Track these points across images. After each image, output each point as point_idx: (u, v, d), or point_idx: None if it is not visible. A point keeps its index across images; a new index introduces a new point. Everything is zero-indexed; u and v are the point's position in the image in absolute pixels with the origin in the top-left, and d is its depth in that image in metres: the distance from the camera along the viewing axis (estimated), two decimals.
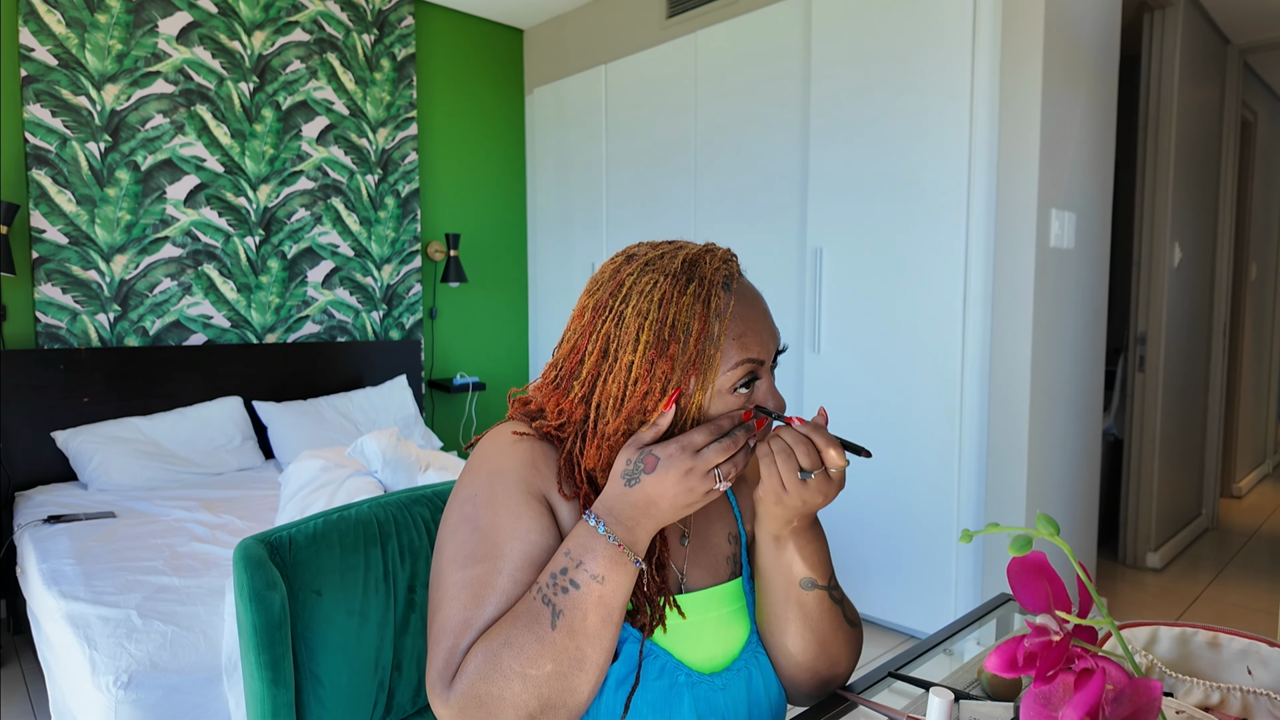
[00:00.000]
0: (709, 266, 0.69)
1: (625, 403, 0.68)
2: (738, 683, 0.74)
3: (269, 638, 0.69)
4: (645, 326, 0.67)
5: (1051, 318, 2.31)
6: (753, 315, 0.69)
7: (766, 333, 0.70)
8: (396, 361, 3.58)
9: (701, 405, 0.68)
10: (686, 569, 0.77)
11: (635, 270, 0.70)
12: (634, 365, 0.67)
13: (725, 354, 0.67)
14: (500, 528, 0.67)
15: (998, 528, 0.51)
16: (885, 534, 2.47)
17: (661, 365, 0.66)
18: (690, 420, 0.68)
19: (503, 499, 0.69)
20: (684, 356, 0.66)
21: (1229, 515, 4.03)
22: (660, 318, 0.66)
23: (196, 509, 2.34)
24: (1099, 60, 2.47)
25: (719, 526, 0.81)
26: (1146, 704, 0.47)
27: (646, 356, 0.66)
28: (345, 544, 0.79)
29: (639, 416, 0.68)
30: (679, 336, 0.66)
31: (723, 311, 0.67)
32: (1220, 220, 3.71)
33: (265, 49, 3.19)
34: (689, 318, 0.66)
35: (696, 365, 0.66)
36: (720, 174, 2.96)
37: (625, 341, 0.67)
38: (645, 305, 0.67)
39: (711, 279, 0.68)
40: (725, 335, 0.67)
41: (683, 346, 0.66)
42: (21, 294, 2.70)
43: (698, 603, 0.75)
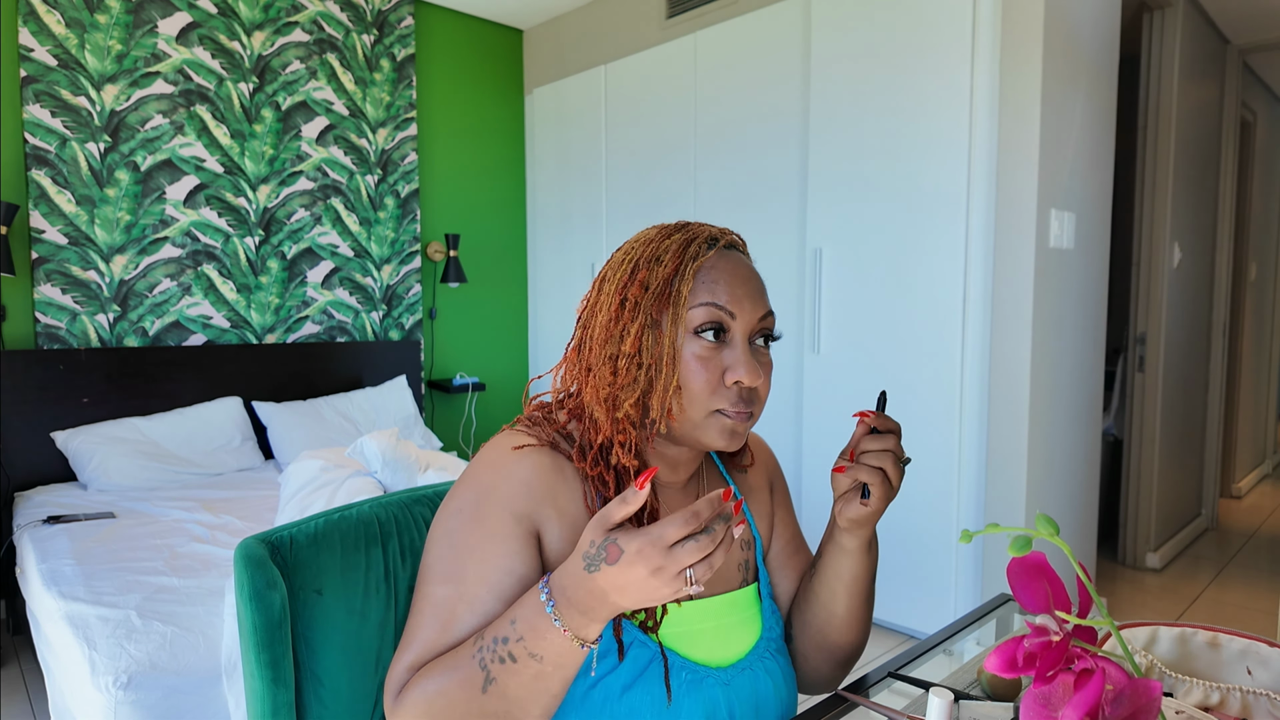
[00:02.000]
0: (700, 227, 0.73)
1: (608, 328, 0.70)
2: (743, 680, 0.74)
3: (269, 637, 0.69)
4: (626, 259, 0.71)
5: (1051, 318, 2.31)
6: (731, 271, 0.70)
7: (742, 291, 0.70)
8: (396, 362, 3.57)
9: (674, 342, 0.68)
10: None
11: (634, 240, 0.75)
12: (612, 292, 0.70)
13: (694, 293, 0.69)
14: (475, 551, 0.67)
15: (997, 528, 0.51)
16: (885, 534, 2.47)
17: (632, 288, 0.69)
18: (664, 358, 0.68)
19: (487, 520, 0.68)
20: (654, 287, 0.69)
21: (1229, 515, 4.03)
22: (641, 253, 0.71)
23: (196, 509, 2.34)
24: (1099, 60, 2.47)
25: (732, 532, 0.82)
26: (1146, 704, 0.47)
27: (621, 281, 0.70)
28: (346, 544, 0.80)
29: (613, 343, 0.70)
30: (651, 266, 0.69)
31: (698, 256, 0.70)
32: (1220, 220, 3.72)
33: (265, 49, 3.18)
34: (664, 254, 0.70)
35: (663, 295, 0.68)
36: (720, 174, 2.96)
37: (611, 275, 0.72)
38: (633, 245, 0.73)
39: (696, 232, 0.72)
40: (696, 276, 0.69)
41: (652, 275, 0.69)
42: (21, 294, 2.70)
43: (706, 610, 0.75)
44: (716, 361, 0.69)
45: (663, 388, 0.68)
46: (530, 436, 0.73)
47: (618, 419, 0.70)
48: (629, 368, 0.69)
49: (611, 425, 0.70)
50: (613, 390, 0.70)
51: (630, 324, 0.69)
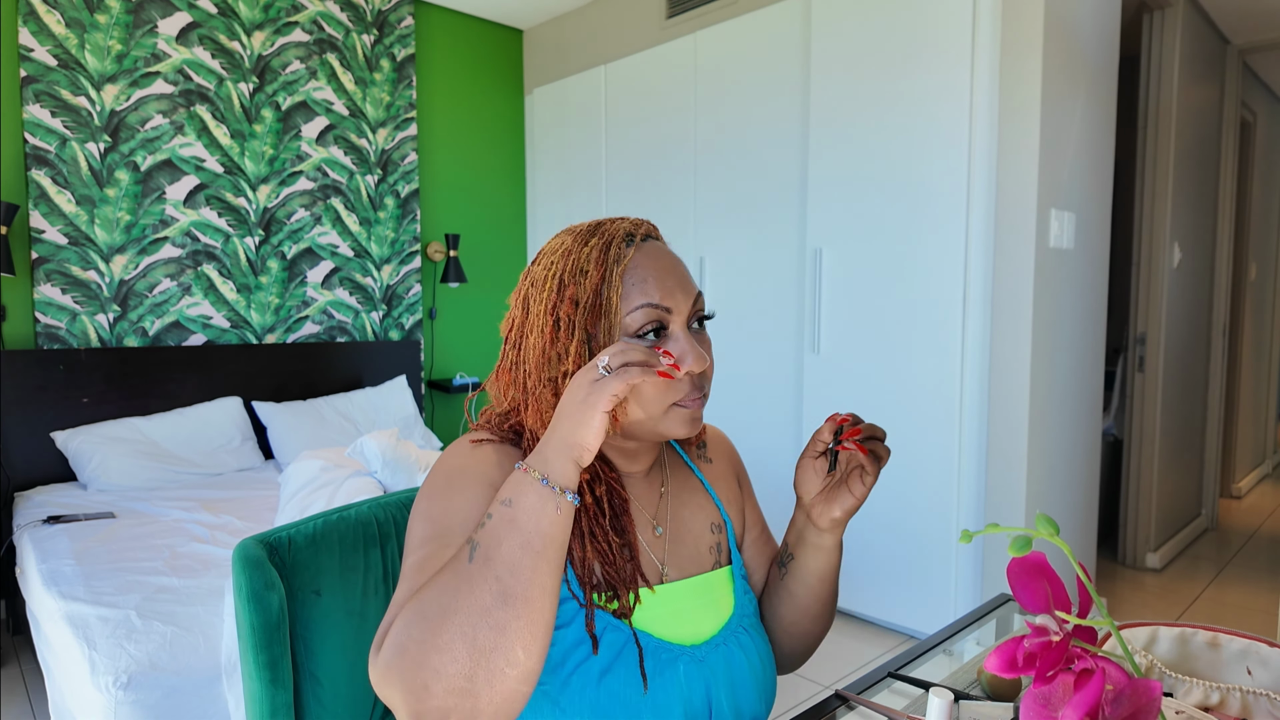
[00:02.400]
0: (614, 224, 0.72)
1: (537, 349, 0.70)
2: (717, 656, 0.74)
3: (267, 638, 0.69)
4: (549, 275, 0.70)
5: (1051, 318, 2.31)
6: (656, 265, 0.70)
7: (672, 281, 0.70)
8: (396, 362, 3.57)
9: None
10: (666, 559, 0.78)
11: (555, 238, 0.74)
12: (541, 313, 0.70)
13: (626, 298, 0.68)
14: (451, 512, 0.66)
15: (997, 528, 0.51)
16: (885, 534, 2.47)
17: (564, 307, 0.69)
18: None
19: (458, 489, 0.68)
20: (584, 301, 0.68)
21: (1229, 515, 4.03)
22: (562, 266, 0.70)
23: (196, 509, 2.34)
24: (1099, 60, 2.47)
25: (700, 517, 0.83)
26: (1146, 704, 0.47)
27: (549, 301, 0.69)
28: (345, 544, 0.79)
29: (552, 365, 0.69)
30: (578, 280, 0.69)
31: (621, 258, 0.69)
32: (1220, 220, 3.72)
33: (265, 49, 3.18)
34: (587, 264, 0.69)
35: (597, 309, 0.68)
36: (720, 174, 2.96)
37: (536, 295, 0.71)
38: (551, 259, 0.72)
39: (612, 232, 0.71)
40: (624, 280, 0.69)
41: (580, 289, 0.68)
42: (21, 294, 2.70)
43: (678, 592, 0.76)
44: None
45: None
46: (487, 434, 0.74)
47: None
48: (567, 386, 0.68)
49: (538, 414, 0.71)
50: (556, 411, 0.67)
51: (568, 343, 0.68)
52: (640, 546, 0.76)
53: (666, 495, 0.81)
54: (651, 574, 0.76)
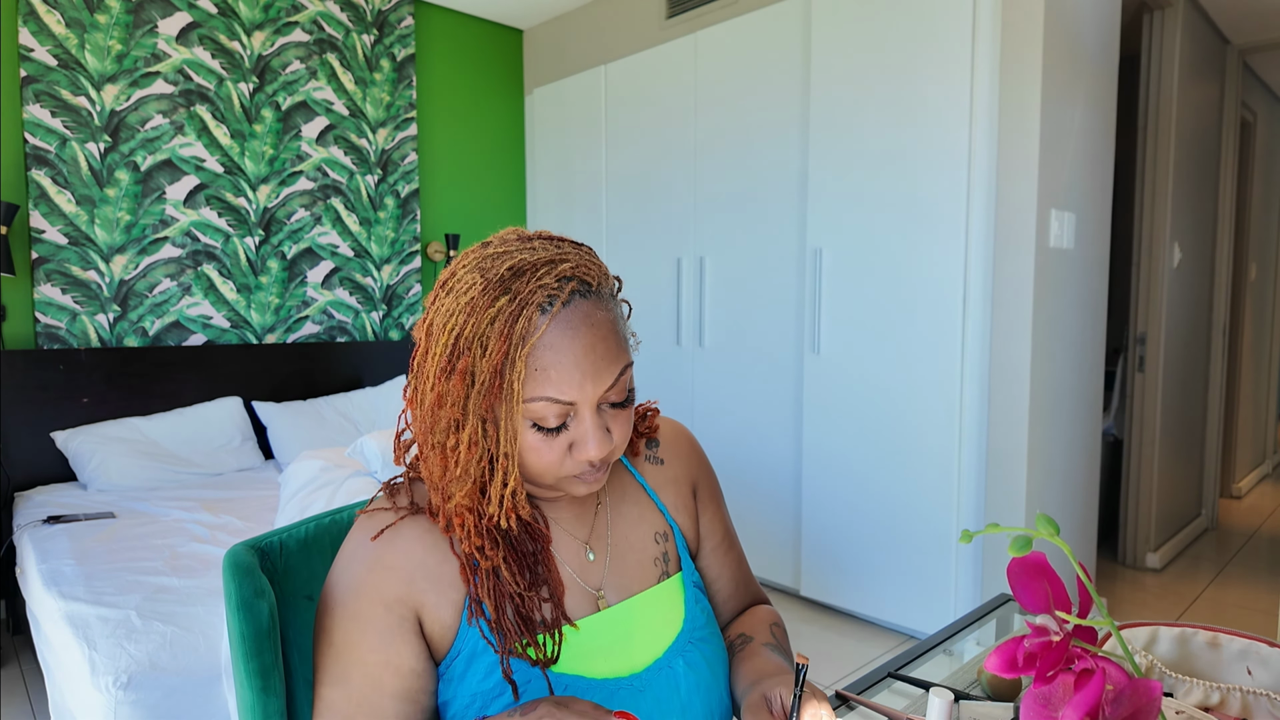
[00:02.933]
0: (532, 281, 0.60)
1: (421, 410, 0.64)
2: (659, 681, 0.71)
3: (258, 646, 0.68)
4: (448, 328, 0.61)
5: (1051, 318, 2.31)
6: (568, 348, 0.60)
7: (581, 371, 0.61)
8: (396, 361, 3.57)
9: (510, 438, 0.62)
10: (605, 581, 0.74)
11: (470, 264, 0.63)
12: (433, 373, 0.62)
13: (527, 385, 0.60)
14: (355, 649, 0.65)
15: (998, 528, 0.51)
16: (885, 534, 2.47)
17: (454, 380, 0.60)
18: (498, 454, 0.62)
19: (360, 616, 0.66)
20: (480, 379, 0.60)
21: (1229, 515, 4.03)
22: (460, 325, 0.60)
23: (196, 509, 2.34)
24: (1099, 60, 2.47)
25: (641, 529, 0.78)
26: (1146, 704, 0.47)
27: (439, 364, 0.61)
28: (337, 548, 0.79)
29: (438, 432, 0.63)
30: (476, 351, 0.60)
31: (528, 336, 0.59)
32: (1220, 220, 3.71)
33: (265, 49, 3.19)
34: (489, 333, 0.59)
35: (496, 390, 0.60)
36: (720, 174, 2.96)
37: (434, 340, 0.62)
38: (454, 304, 0.61)
39: (526, 298, 0.60)
40: (527, 363, 0.60)
41: (478, 364, 0.59)
42: (21, 294, 2.70)
43: (620, 616, 0.72)
44: (561, 441, 0.63)
45: (499, 485, 0.63)
46: (389, 512, 0.69)
47: (450, 508, 0.65)
48: (459, 463, 0.63)
49: (445, 511, 0.66)
50: (444, 481, 0.65)
51: (458, 418, 0.62)
52: (570, 578, 0.72)
53: (604, 511, 0.77)
54: (586, 602, 0.72)
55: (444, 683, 0.69)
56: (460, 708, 0.68)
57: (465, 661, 0.68)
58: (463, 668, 0.68)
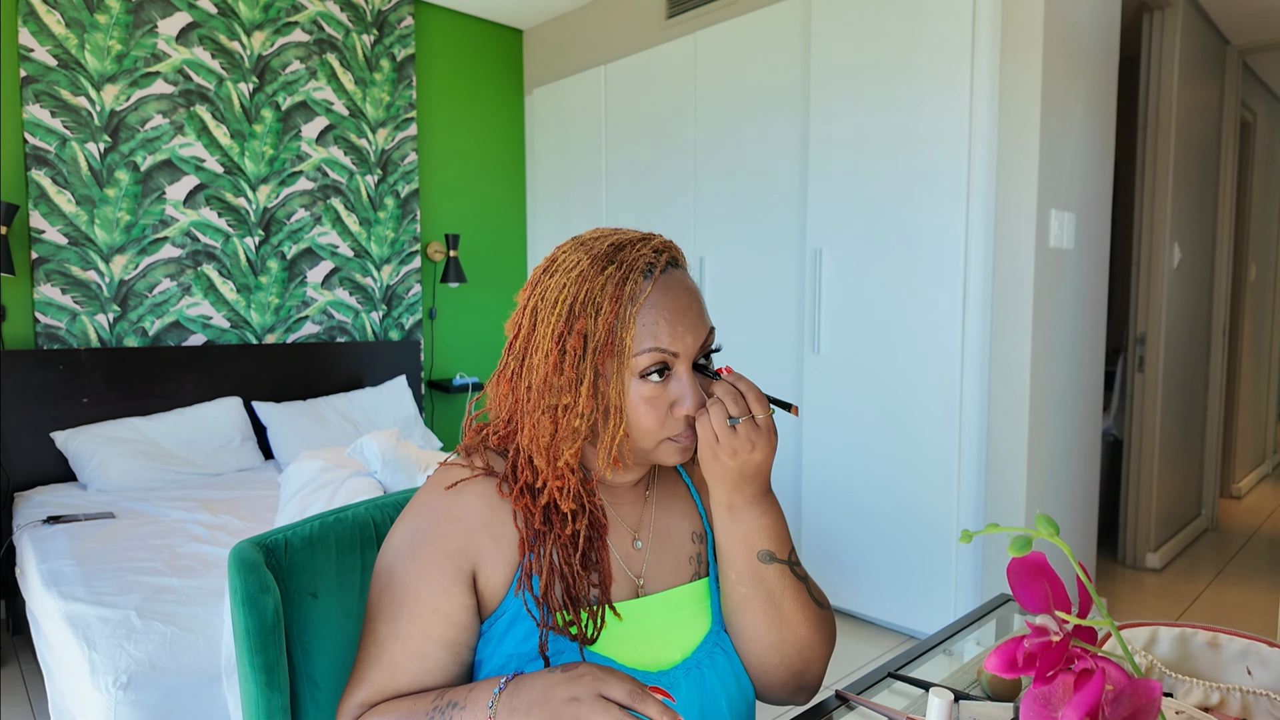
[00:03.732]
0: (633, 253, 0.68)
1: (540, 374, 0.68)
2: (688, 680, 0.72)
3: (262, 642, 0.69)
4: (560, 300, 0.67)
5: (1051, 318, 2.31)
6: (671, 305, 0.67)
7: (683, 325, 0.68)
8: (396, 362, 3.57)
9: (620, 391, 0.67)
10: (645, 571, 0.76)
11: (569, 248, 0.71)
12: (548, 337, 0.67)
13: (637, 339, 0.66)
14: (411, 591, 0.69)
15: (997, 528, 0.51)
16: (885, 534, 2.47)
17: (571, 340, 0.66)
18: (610, 408, 0.67)
19: (422, 560, 0.69)
20: (594, 337, 0.66)
21: (1228, 515, 4.03)
22: (574, 294, 0.67)
23: (196, 509, 2.34)
24: (1099, 60, 2.47)
25: (682, 526, 0.80)
26: (1146, 704, 0.47)
27: (557, 329, 0.67)
28: (341, 546, 0.79)
29: (553, 394, 0.67)
30: (589, 313, 0.66)
31: (636, 296, 0.66)
32: (1220, 220, 3.71)
33: (265, 49, 3.18)
34: (601, 297, 0.66)
35: (608, 346, 0.66)
36: (720, 174, 2.96)
37: (545, 314, 0.68)
38: (564, 280, 0.68)
39: (632, 264, 0.67)
40: (636, 320, 0.66)
41: (592, 324, 0.66)
42: (21, 294, 2.70)
43: (655, 606, 0.74)
44: (664, 398, 0.68)
45: (610, 437, 0.67)
46: (465, 468, 0.73)
47: (558, 468, 0.69)
48: (569, 419, 0.67)
49: (550, 474, 0.69)
50: (554, 441, 0.69)
51: (573, 378, 0.67)
52: (616, 562, 0.75)
53: (651, 502, 0.80)
54: (626, 587, 0.74)
55: (484, 639, 0.72)
56: (496, 666, 0.70)
57: (508, 623, 0.70)
58: (505, 628, 0.70)
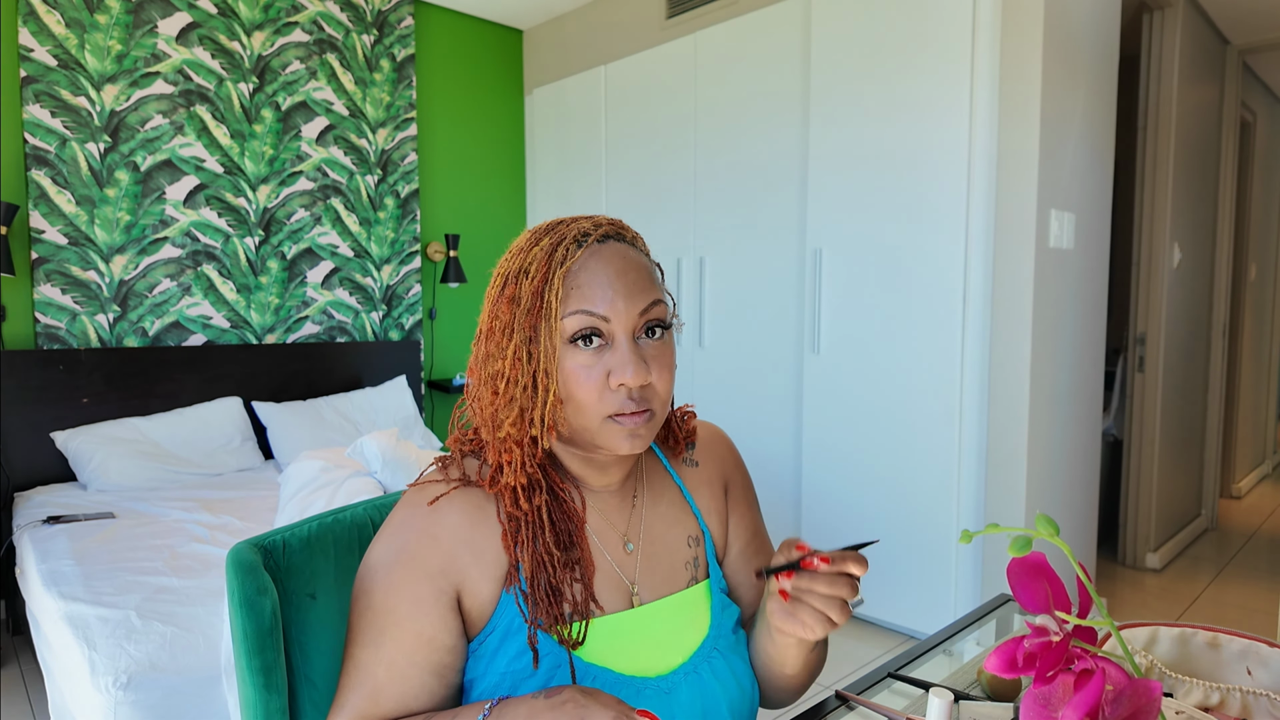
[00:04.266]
0: (570, 226, 0.69)
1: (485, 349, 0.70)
2: (686, 685, 0.72)
3: (260, 644, 0.69)
4: (499, 274, 0.70)
5: (1051, 318, 2.31)
6: (603, 270, 0.67)
7: (615, 290, 0.66)
8: (396, 362, 3.57)
9: (550, 356, 0.66)
10: (639, 578, 0.74)
11: (524, 233, 0.73)
12: (487, 312, 0.70)
13: (564, 301, 0.66)
14: (392, 615, 0.67)
15: (997, 528, 0.51)
16: (885, 534, 2.47)
17: (501, 304, 0.68)
18: (539, 372, 0.66)
19: (403, 583, 0.68)
20: (521, 301, 0.67)
21: (1228, 515, 4.03)
22: (509, 265, 0.69)
23: (196, 510, 2.34)
24: (1098, 60, 2.47)
25: (676, 531, 0.79)
26: (1146, 704, 0.47)
27: (492, 298, 0.69)
28: (340, 547, 0.79)
29: (489, 363, 0.69)
30: (519, 279, 0.67)
31: (565, 260, 0.67)
32: (1220, 220, 3.71)
33: (265, 49, 3.18)
34: (531, 263, 0.67)
35: (537, 311, 0.66)
36: (720, 174, 2.96)
37: (490, 291, 0.71)
38: (508, 256, 0.71)
39: (564, 233, 0.68)
40: (564, 282, 0.66)
41: (521, 289, 0.67)
42: (21, 294, 2.70)
43: (652, 614, 0.73)
44: (599, 367, 0.66)
45: (540, 403, 0.67)
46: (441, 482, 0.72)
47: (500, 439, 0.69)
48: (506, 387, 0.67)
49: (496, 446, 0.69)
50: (493, 410, 0.69)
51: (504, 342, 0.67)
52: (607, 567, 0.73)
53: (640, 508, 0.78)
54: (621, 595, 0.73)
55: (474, 659, 0.70)
56: (489, 686, 0.69)
57: (499, 639, 0.69)
58: (495, 644, 0.69)
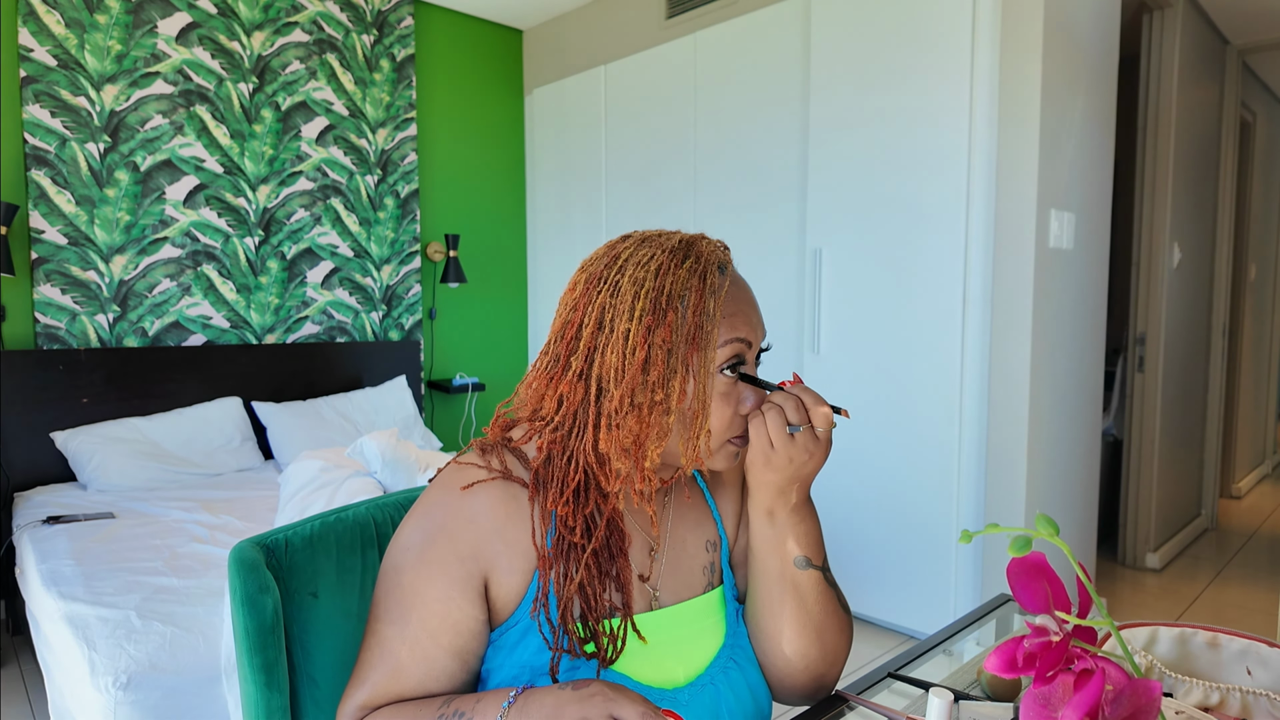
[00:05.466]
0: (706, 246, 0.69)
1: (625, 373, 0.65)
2: (703, 697, 0.71)
3: (262, 641, 0.69)
4: (641, 295, 0.65)
5: (1051, 318, 2.31)
6: (743, 299, 0.69)
7: (755, 318, 0.70)
8: (396, 362, 3.57)
9: (705, 385, 0.66)
10: (660, 582, 0.74)
11: (631, 245, 0.69)
12: (630, 333, 0.65)
13: (721, 329, 0.67)
14: (420, 595, 0.67)
15: (997, 528, 0.51)
16: (885, 534, 2.47)
17: (660, 333, 0.64)
18: (699, 402, 0.66)
19: (433, 562, 0.67)
20: (683, 328, 0.65)
21: (1228, 515, 4.03)
22: (657, 287, 0.65)
23: (196, 510, 2.34)
24: (1098, 60, 2.47)
25: (697, 534, 0.79)
26: (1146, 704, 0.47)
27: (643, 324, 0.64)
28: (342, 546, 0.79)
29: (640, 391, 0.65)
30: (675, 306, 0.65)
31: (718, 289, 0.67)
32: (1219, 220, 3.71)
33: (265, 49, 3.18)
34: (685, 289, 0.66)
35: (695, 340, 0.65)
36: (720, 174, 2.96)
37: (621, 310, 0.66)
38: (641, 275, 0.66)
39: (709, 258, 0.68)
40: (719, 312, 0.66)
41: (680, 317, 0.65)
42: (21, 294, 2.70)
43: (670, 619, 0.73)
44: (734, 395, 0.69)
45: (695, 433, 0.66)
46: (480, 468, 0.70)
47: (644, 469, 0.67)
48: (657, 416, 0.65)
49: (637, 475, 0.67)
50: (641, 441, 0.66)
51: (667, 374, 0.65)
52: (632, 578, 0.73)
53: (669, 509, 0.78)
54: (642, 599, 0.73)
55: (494, 649, 0.70)
56: (507, 678, 0.69)
57: (521, 633, 0.68)
58: (517, 638, 0.68)
